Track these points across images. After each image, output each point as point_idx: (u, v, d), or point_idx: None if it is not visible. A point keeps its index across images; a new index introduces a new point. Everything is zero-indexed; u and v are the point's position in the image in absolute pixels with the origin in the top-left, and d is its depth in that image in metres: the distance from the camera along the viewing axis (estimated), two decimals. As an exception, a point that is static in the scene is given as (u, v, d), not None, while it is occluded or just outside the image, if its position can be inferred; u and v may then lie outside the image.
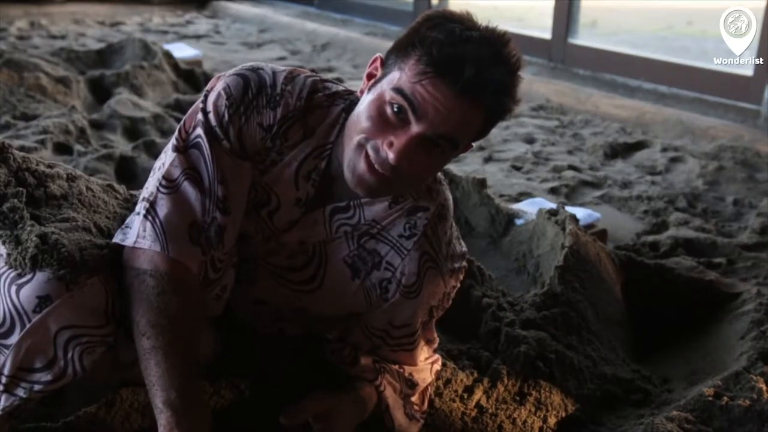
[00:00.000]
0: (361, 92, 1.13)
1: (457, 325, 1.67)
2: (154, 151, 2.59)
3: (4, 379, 1.02)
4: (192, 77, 3.73)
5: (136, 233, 1.08)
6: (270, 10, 6.46)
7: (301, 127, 1.15)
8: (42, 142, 2.50)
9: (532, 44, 4.50)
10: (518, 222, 2.21)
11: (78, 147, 2.56)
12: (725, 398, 1.42)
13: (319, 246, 1.20)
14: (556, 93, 3.99)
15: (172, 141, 1.12)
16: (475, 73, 1.00)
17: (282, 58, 4.86)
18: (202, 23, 6.07)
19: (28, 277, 1.00)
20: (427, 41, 1.02)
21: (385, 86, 1.06)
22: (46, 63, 3.32)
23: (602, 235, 2.22)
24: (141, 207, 1.10)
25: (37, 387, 1.03)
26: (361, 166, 1.07)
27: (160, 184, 1.09)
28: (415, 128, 1.03)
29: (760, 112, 3.44)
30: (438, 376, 1.43)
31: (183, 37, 5.36)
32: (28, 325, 0.99)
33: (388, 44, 1.12)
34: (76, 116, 2.81)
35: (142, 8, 6.39)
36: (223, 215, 1.11)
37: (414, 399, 1.35)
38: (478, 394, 1.46)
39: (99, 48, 3.98)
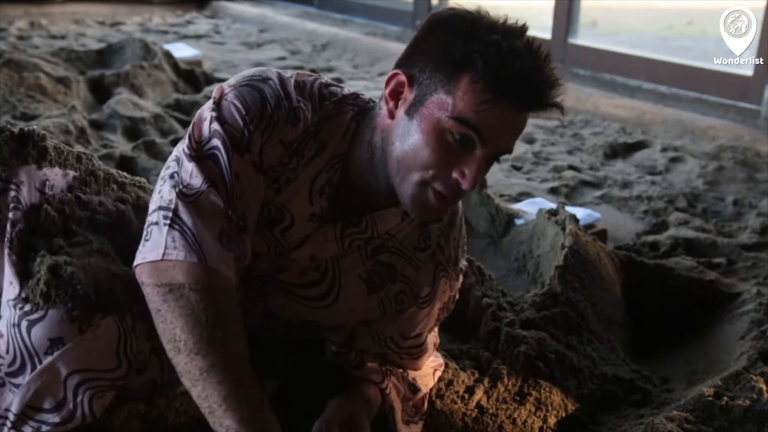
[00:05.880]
0: (390, 114, 1.06)
1: (457, 325, 1.67)
2: (154, 151, 2.59)
3: (11, 417, 0.99)
4: (192, 77, 3.72)
5: (164, 244, 0.97)
6: (270, 10, 6.46)
7: (315, 141, 1.10)
8: (42, 142, 2.50)
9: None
10: (518, 222, 2.21)
11: (78, 147, 2.55)
12: (725, 398, 1.41)
13: (332, 262, 1.17)
14: (556, 93, 3.98)
15: (183, 150, 1.04)
16: (533, 89, 0.99)
17: (282, 58, 4.86)
18: (202, 23, 6.07)
19: (40, 314, 0.96)
20: (476, 61, 0.97)
21: (438, 113, 1.00)
22: (46, 63, 3.32)
23: (602, 235, 2.22)
24: (158, 216, 1.00)
25: (45, 428, 0.99)
26: (431, 200, 1.04)
27: (180, 192, 1.00)
28: (481, 151, 1.01)
29: (760, 112, 3.44)
30: (440, 378, 1.43)
31: (183, 37, 5.36)
32: (39, 367, 0.96)
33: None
34: (76, 116, 2.80)
35: (142, 8, 6.39)
36: (243, 232, 1.04)
37: (415, 401, 1.35)
38: (479, 394, 1.46)
39: (99, 48, 3.98)
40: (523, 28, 1.01)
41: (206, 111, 1.05)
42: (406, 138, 1.03)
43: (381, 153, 1.08)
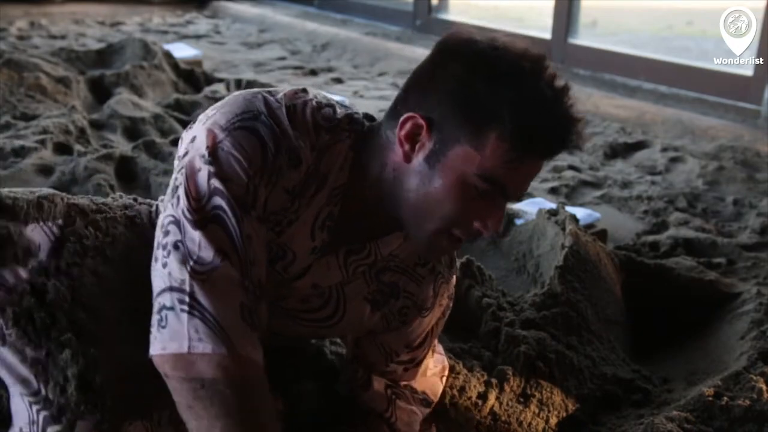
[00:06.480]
0: (406, 157, 0.99)
1: (457, 325, 1.67)
2: (154, 151, 2.59)
3: None
4: (192, 77, 3.72)
5: (186, 335, 0.89)
6: (270, 10, 6.46)
7: (315, 178, 1.03)
8: (42, 142, 2.50)
9: (532, 44, 4.48)
10: (518, 222, 2.21)
11: (78, 147, 2.56)
12: (725, 398, 1.42)
13: (337, 287, 1.14)
14: (556, 93, 3.98)
15: (183, 212, 0.93)
16: (561, 140, 0.96)
17: (282, 58, 4.86)
18: (202, 23, 6.07)
19: (67, 425, 0.92)
20: (505, 116, 0.92)
21: (462, 166, 0.96)
22: (46, 63, 3.32)
23: (602, 235, 2.22)
24: (172, 300, 0.91)
25: None
26: (446, 243, 1.04)
27: (193, 270, 0.91)
28: (503, 201, 1.01)
29: (760, 112, 3.44)
30: (451, 386, 1.44)
31: (183, 37, 5.35)
32: None
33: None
34: (76, 116, 2.81)
35: (142, 8, 6.39)
36: (261, 300, 0.97)
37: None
38: (491, 400, 1.46)
39: (99, 48, 3.98)
40: (543, 60, 0.96)
41: (198, 161, 0.95)
42: (426, 187, 0.99)
43: (390, 192, 1.03)
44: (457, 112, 0.95)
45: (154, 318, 0.92)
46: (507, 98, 0.93)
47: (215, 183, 0.93)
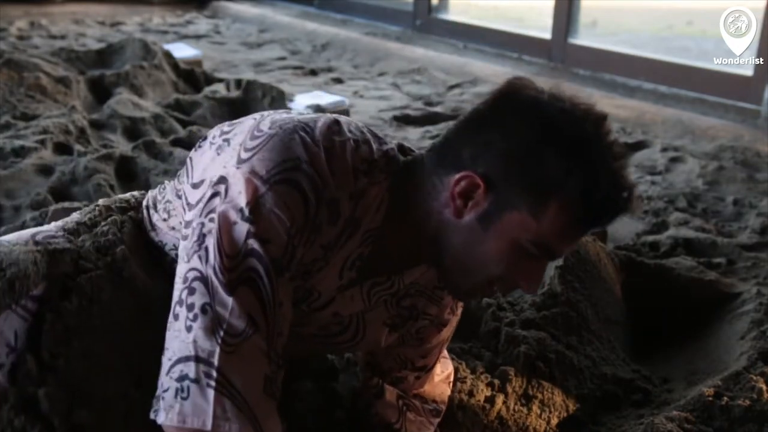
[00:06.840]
0: (458, 213, 0.97)
1: (457, 324, 1.67)
2: (154, 151, 2.59)
3: None
4: (192, 77, 3.72)
5: (211, 413, 0.85)
6: (270, 10, 6.46)
7: (351, 225, 0.99)
8: (42, 142, 2.50)
9: (532, 44, 4.49)
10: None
11: (78, 147, 2.56)
12: (725, 398, 1.42)
13: (357, 315, 1.13)
14: (556, 93, 3.97)
15: (215, 271, 0.88)
16: (619, 213, 0.96)
17: (282, 58, 4.85)
18: (202, 23, 6.07)
19: None
20: (571, 191, 0.91)
21: (518, 232, 0.94)
22: (46, 63, 3.32)
23: (602, 235, 2.22)
24: (196, 371, 0.86)
25: None
26: (485, 293, 1.07)
27: (224, 342, 0.86)
28: (549, 261, 1.02)
29: (760, 112, 3.44)
30: (459, 390, 1.45)
31: (183, 37, 5.35)
32: None
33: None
34: (76, 116, 2.81)
35: (142, 8, 6.39)
36: (281, 369, 0.95)
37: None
38: (499, 404, 1.46)
39: (99, 48, 3.97)
40: (605, 122, 0.94)
41: (234, 214, 0.89)
42: (475, 246, 0.98)
43: (431, 240, 1.02)
44: (519, 178, 0.93)
45: (171, 384, 0.87)
46: (573, 171, 0.91)
47: (253, 244, 0.88)
